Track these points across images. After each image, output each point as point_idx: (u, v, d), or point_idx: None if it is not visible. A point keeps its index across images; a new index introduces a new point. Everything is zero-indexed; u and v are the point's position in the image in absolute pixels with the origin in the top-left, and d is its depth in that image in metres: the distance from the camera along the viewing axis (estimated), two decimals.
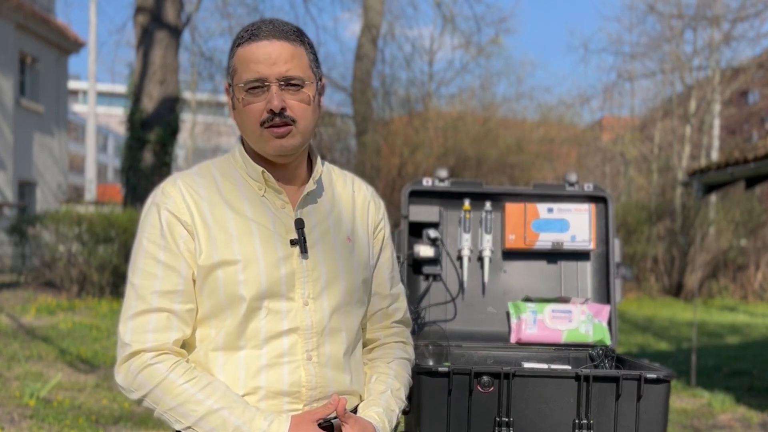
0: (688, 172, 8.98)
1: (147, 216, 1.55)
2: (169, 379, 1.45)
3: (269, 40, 1.49)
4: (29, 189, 18.77)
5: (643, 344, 10.49)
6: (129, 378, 1.48)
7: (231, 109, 1.58)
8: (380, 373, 1.67)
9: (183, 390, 1.45)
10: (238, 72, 1.51)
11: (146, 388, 1.46)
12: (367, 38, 17.11)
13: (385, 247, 1.75)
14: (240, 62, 1.51)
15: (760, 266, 17.66)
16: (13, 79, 17.33)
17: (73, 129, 41.41)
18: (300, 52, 1.52)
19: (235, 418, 1.43)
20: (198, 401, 1.44)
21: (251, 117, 1.50)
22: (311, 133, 1.57)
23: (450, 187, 2.70)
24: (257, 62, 1.48)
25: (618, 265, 2.70)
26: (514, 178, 17.10)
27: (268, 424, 1.43)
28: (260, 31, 1.50)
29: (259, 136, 1.51)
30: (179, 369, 1.47)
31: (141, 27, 13.86)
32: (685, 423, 6.10)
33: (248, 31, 1.52)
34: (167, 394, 1.45)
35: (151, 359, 1.47)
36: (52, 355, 7.44)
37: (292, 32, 1.52)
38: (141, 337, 1.48)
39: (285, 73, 1.49)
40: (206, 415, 1.43)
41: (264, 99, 1.49)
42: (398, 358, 1.72)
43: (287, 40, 1.50)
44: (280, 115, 1.48)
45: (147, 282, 1.50)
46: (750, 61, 21.87)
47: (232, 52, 1.54)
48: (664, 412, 2.09)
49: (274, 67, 1.48)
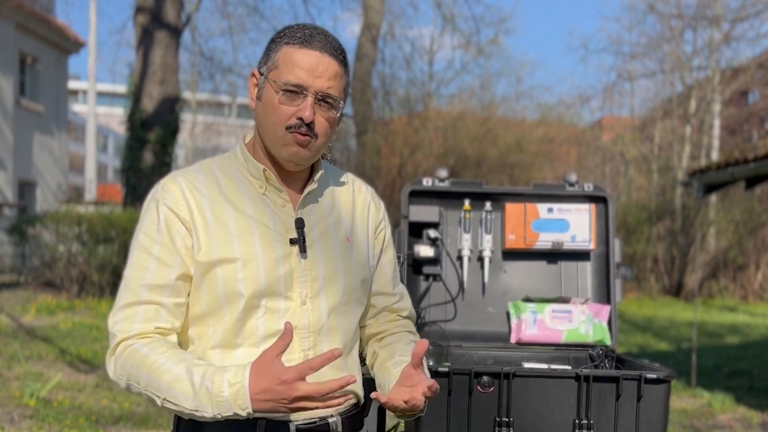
0: (688, 172, 8.98)
1: (146, 211, 1.56)
2: (142, 354, 1.45)
3: (321, 52, 1.50)
4: (29, 189, 18.77)
5: (643, 344, 10.49)
6: (116, 366, 1.49)
7: (254, 98, 1.57)
8: (403, 351, 1.66)
9: (154, 361, 1.44)
10: (280, 69, 1.51)
11: (127, 369, 1.46)
12: (367, 38, 17.11)
13: (387, 247, 1.76)
14: (284, 61, 1.51)
15: (760, 266, 17.66)
16: (13, 79, 17.34)
17: (73, 129, 41.41)
18: (342, 73, 1.54)
19: (199, 378, 1.40)
20: (166, 370, 1.42)
21: (280, 117, 1.51)
22: (323, 151, 1.59)
23: (450, 187, 2.69)
24: (302, 69, 1.49)
25: (618, 265, 2.70)
26: (514, 178, 17.10)
27: (230, 374, 1.40)
28: (313, 39, 1.51)
29: (281, 137, 1.52)
30: (155, 344, 1.47)
31: (141, 27, 13.86)
32: (685, 423, 6.10)
33: (301, 34, 1.52)
34: (142, 368, 1.44)
35: (132, 342, 1.48)
36: (52, 355, 7.45)
37: (341, 52, 1.55)
38: (128, 327, 1.49)
39: (325, 90, 1.50)
40: (175, 383, 1.41)
41: (297, 105, 1.50)
42: (413, 341, 1.72)
43: (336, 58, 1.52)
44: (308, 126, 1.50)
45: (138, 275, 1.51)
46: (750, 61, 21.88)
47: (275, 46, 1.54)
48: (664, 412, 2.09)
49: (317, 80, 1.49)
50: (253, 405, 1.37)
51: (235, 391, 1.37)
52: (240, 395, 1.37)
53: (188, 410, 1.41)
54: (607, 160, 24.28)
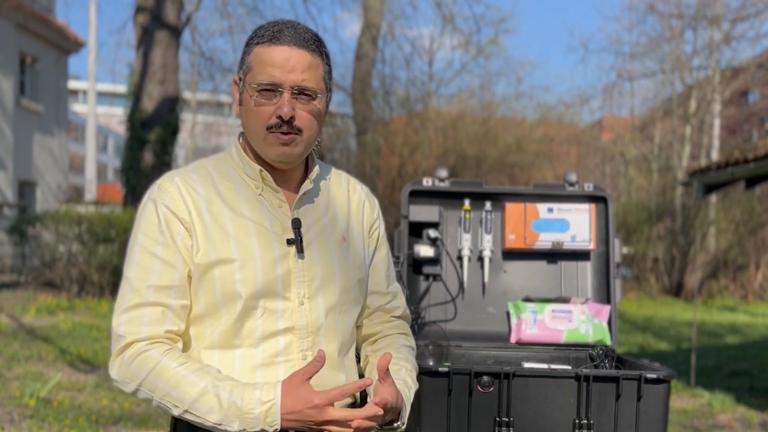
0: (688, 172, 8.98)
1: (143, 211, 1.55)
2: (162, 364, 1.45)
3: (290, 46, 1.48)
4: (29, 189, 18.77)
5: (643, 344, 10.49)
6: (123, 369, 1.47)
7: (237, 104, 1.57)
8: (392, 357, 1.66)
9: (176, 373, 1.44)
10: (253, 71, 1.50)
11: (140, 375, 1.45)
12: (367, 38, 17.11)
13: (381, 246, 1.75)
14: (256, 62, 1.50)
15: (760, 266, 17.66)
16: (13, 79, 17.34)
17: (73, 129, 41.42)
18: (317, 63, 1.51)
19: (227, 394, 1.41)
20: (191, 383, 1.43)
21: (259, 119, 1.50)
22: (314, 143, 1.57)
23: (450, 187, 2.69)
24: (274, 66, 1.48)
25: (618, 265, 2.70)
26: (514, 177, 17.08)
27: (261, 392, 1.42)
28: (282, 34, 1.49)
29: (263, 139, 1.51)
30: (172, 354, 1.46)
31: (141, 27, 13.85)
32: (685, 423, 6.10)
33: (269, 32, 1.50)
34: (161, 378, 1.44)
35: (144, 347, 1.46)
36: (52, 355, 7.44)
37: (313, 41, 1.52)
38: (135, 329, 1.48)
39: (300, 82, 1.48)
40: (200, 397, 1.42)
41: (275, 104, 1.48)
42: (404, 345, 1.72)
43: (307, 49, 1.50)
44: (288, 123, 1.48)
45: (143, 275, 1.50)
46: (750, 61, 21.88)
47: (248, 48, 1.53)
48: (664, 412, 2.09)
49: (290, 74, 1.47)
50: (282, 424, 1.41)
51: (266, 409, 1.40)
52: (271, 413, 1.40)
53: (211, 423, 1.43)
54: (607, 160, 24.27)
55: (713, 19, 21.21)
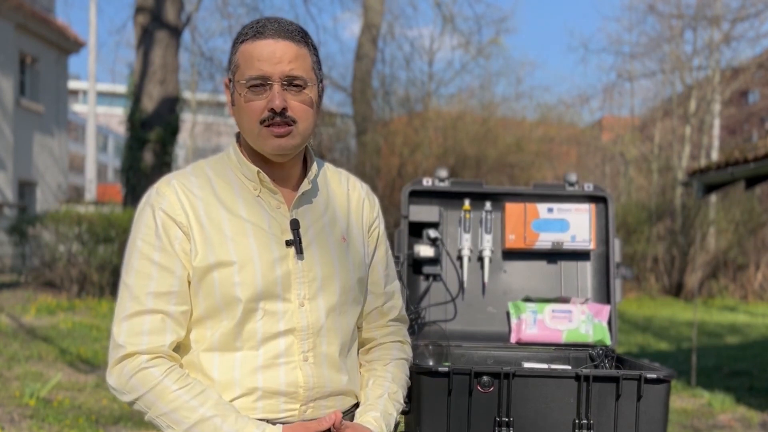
0: (688, 172, 8.98)
1: (141, 216, 1.54)
2: (163, 384, 1.44)
3: (274, 38, 1.48)
4: (29, 189, 18.77)
5: (643, 344, 10.49)
6: (122, 380, 1.47)
7: (230, 105, 1.56)
8: (377, 377, 1.66)
9: (176, 396, 1.44)
10: (241, 68, 1.50)
11: (139, 391, 1.45)
12: (367, 38, 17.11)
13: (380, 245, 1.74)
14: (243, 59, 1.50)
15: (760, 266, 17.66)
16: (13, 79, 17.34)
17: (73, 129, 41.41)
18: (304, 53, 1.51)
19: (227, 426, 1.42)
20: (191, 408, 1.43)
21: (251, 115, 1.49)
22: (310, 135, 1.56)
23: (450, 187, 2.69)
24: (261, 60, 1.47)
25: (618, 265, 2.70)
26: (514, 177, 17.08)
27: (261, 431, 1.43)
28: (265, 29, 1.49)
29: (258, 134, 1.50)
30: (173, 375, 1.46)
31: (141, 27, 13.85)
32: (685, 423, 6.10)
33: (253, 28, 1.50)
34: (160, 399, 1.44)
35: (145, 362, 1.45)
36: (52, 355, 7.44)
37: (297, 32, 1.51)
38: (135, 339, 1.47)
39: (288, 72, 1.48)
40: (199, 423, 1.42)
41: (265, 97, 1.48)
42: (395, 359, 1.71)
43: (292, 40, 1.49)
44: (281, 114, 1.47)
45: (141, 282, 1.49)
46: (750, 61, 21.87)
47: (234, 48, 1.53)
48: (664, 412, 2.09)
49: (277, 66, 1.47)
50: None
51: None
52: None
53: None
54: (607, 160, 24.27)
55: (713, 19, 21.21)
